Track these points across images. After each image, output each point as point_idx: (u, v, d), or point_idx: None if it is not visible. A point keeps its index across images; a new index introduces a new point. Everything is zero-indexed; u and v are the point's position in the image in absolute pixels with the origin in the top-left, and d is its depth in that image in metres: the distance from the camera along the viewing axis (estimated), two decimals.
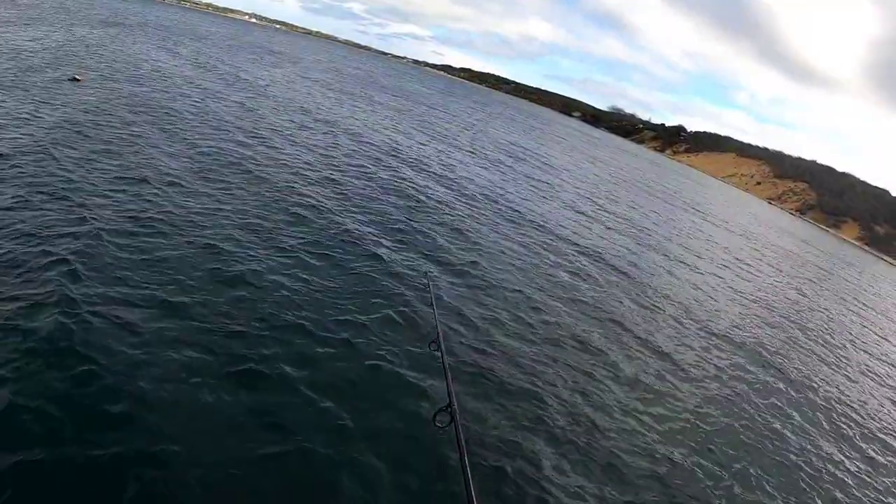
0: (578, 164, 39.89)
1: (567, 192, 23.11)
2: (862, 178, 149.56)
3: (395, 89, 52.16)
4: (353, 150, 16.72)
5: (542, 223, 15.69)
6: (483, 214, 15.04)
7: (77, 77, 15.41)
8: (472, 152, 25.15)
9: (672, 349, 9.82)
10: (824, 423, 9.51)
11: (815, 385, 11.26)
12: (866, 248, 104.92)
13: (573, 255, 13.93)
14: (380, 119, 25.93)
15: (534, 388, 7.03)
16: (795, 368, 11.85)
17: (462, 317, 8.35)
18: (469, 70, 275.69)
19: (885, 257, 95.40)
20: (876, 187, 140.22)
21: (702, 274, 17.34)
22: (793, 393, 10.26)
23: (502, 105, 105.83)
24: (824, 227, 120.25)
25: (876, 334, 20.58)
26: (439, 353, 3.48)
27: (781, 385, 10.39)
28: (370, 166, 15.30)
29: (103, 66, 19.10)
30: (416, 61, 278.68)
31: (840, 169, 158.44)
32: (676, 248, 19.95)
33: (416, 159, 18.38)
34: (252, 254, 7.64)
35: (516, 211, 16.62)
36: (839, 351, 15.17)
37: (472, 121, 44.16)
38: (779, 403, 9.44)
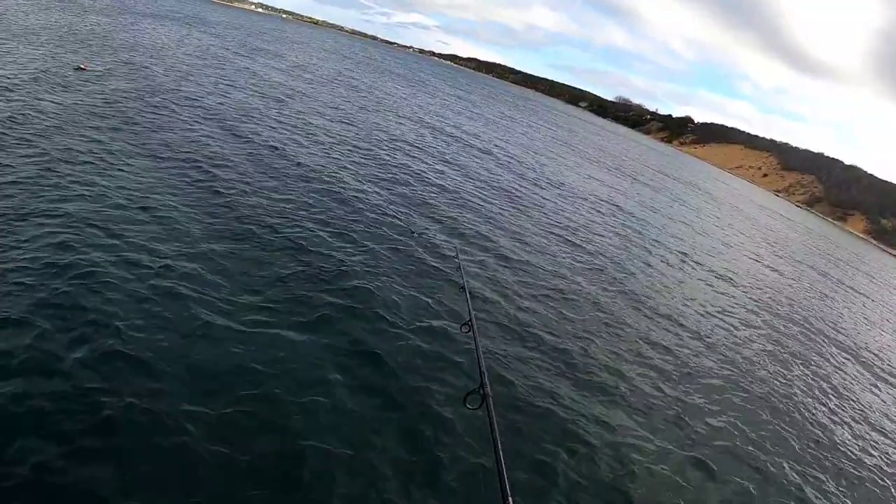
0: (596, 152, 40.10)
1: (587, 179, 23.30)
2: (869, 172, 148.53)
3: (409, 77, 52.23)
4: (382, 143, 16.96)
5: (571, 213, 16.03)
6: (513, 206, 15.88)
7: (82, 66, 15.46)
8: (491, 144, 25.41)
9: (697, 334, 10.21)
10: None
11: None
12: (873, 241, 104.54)
13: (603, 241, 14.84)
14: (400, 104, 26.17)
15: (568, 370, 7.49)
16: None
17: (495, 299, 8.92)
18: (476, 60, 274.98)
19: (892, 251, 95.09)
20: (883, 181, 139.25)
21: (715, 262, 17.61)
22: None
23: (514, 97, 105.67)
24: (831, 219, 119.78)
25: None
26: (472, 333, 3.43)
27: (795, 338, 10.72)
28: (403, 159, 15.61)
29: (109, 54, 19.24)
30: (421, 50, 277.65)
31: (847, 161, 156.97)
32: (689, 239, 20.19)
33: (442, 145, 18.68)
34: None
35: (544, 200, 17.40)
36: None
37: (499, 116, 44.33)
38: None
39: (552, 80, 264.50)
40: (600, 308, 10.45)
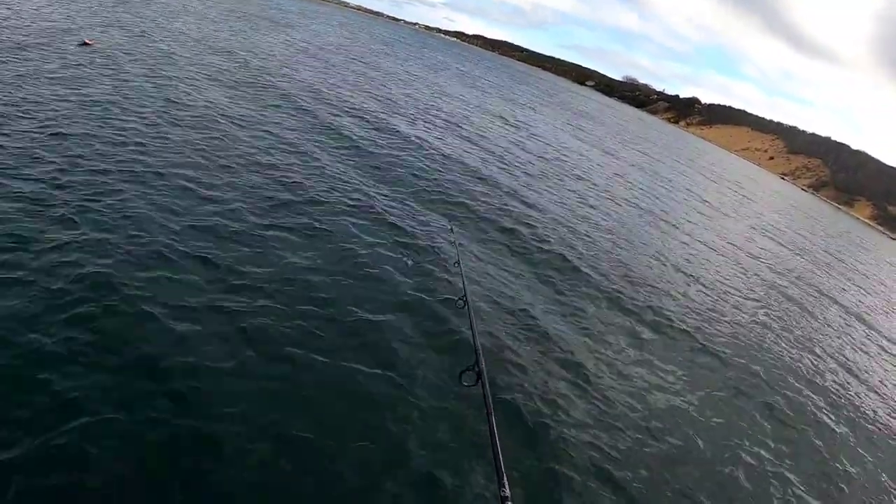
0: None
1: (592, 152, 23.27)
2: (876, 157, 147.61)
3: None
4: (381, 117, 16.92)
5: (575, 189, 16.16)
6: (512, 179, 15.97)
7: (87, 42, 15.32)
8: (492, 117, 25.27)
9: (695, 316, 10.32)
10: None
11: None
12: (878, 227, 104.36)
13: (606, 215, 14.92)
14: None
15: (565, 345, 7.56)
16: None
17: (491, 274, 8.94)
18: (482, 37, 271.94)
19: None
20: (890, 166, 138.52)
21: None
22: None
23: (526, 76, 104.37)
24: (837, 204, 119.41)
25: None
26: (466, 311, 3.44)
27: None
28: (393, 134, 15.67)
29: (116, 30, 18.94)
30: (427, 27, 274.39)
31: (854, 146, 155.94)
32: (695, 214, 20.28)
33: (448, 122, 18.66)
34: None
35: (546, 175, 17.45)
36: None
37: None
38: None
39: (559, 59, 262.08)
40: (600, 281, 10.58)
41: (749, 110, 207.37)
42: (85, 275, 5.46)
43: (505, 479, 1.95)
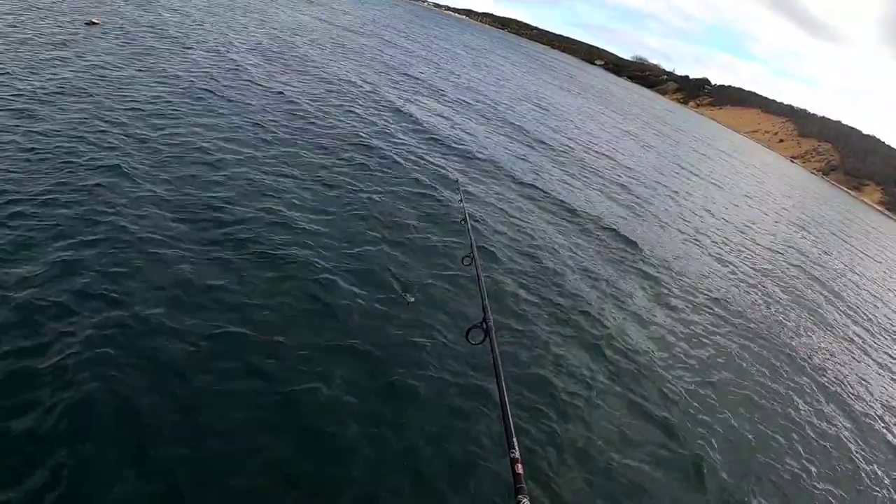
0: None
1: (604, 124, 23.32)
2: (887, 142, 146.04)
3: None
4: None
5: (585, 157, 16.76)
6: (520, 138, 16.54)
7: (94, 21, 15.02)
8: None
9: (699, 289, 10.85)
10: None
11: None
12: (887, 212, 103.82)
13: (610, 178, 15.42)
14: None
15: (574, 302, 7.55)
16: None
17: (499, 231, 9.00)
18: (491, 15, 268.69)
19: None
20: None
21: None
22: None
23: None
24: (846, 189, 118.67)
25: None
26: (474, 268, 3.35)
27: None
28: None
29: (124, 9, 18.13)
30: (437, 4, 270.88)
31: (865, 131, 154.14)
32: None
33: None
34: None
35: (551, 144, 17.94)
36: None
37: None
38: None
39: (568, 38, 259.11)
40: (608, 240, 10.85)
41: (758, 91, 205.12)
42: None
43: (515, 439, 1.87)
